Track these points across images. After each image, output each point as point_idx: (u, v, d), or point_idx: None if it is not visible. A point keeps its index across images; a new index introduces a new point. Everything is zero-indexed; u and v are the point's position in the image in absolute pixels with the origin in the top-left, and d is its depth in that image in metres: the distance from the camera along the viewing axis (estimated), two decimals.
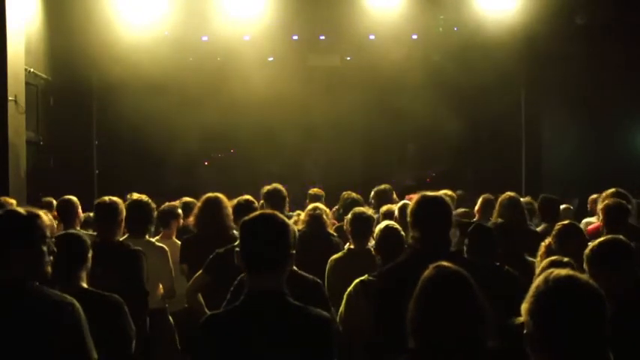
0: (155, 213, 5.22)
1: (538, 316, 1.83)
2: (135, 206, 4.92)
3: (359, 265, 4.61)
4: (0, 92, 7.67)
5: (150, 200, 5.04)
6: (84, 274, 3.38)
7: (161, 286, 5.05)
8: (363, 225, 4.96)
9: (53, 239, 2.79)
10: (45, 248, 2.66)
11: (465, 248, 4.27)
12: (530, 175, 11.48)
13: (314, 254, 4.68)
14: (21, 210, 2.72)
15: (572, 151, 11.24)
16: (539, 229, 6.12)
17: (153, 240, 5.29)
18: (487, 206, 7.03)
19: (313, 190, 7.84)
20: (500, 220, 5.53)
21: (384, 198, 7.10)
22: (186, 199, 6.86)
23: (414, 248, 3.43)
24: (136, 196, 5.09)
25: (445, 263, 2.45)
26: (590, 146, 10.96)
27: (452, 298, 2.34)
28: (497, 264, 4.31)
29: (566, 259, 3.15)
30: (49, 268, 2.68)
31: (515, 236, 4.81)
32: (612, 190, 5.84)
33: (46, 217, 2.79)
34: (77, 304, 2.61)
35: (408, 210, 3.53)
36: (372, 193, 7.40)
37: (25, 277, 2.59)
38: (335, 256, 4.90)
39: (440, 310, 2.32)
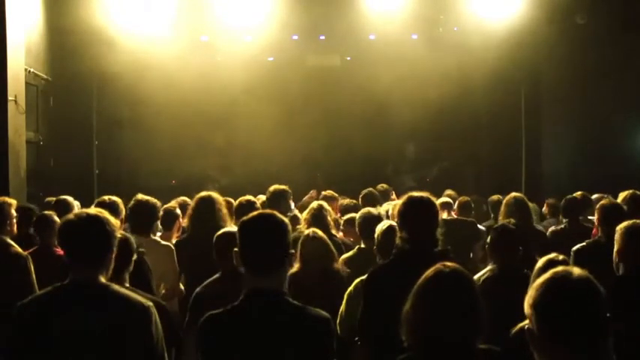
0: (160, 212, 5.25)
1: (539, 312, 1.85)
2: (139, 205, 4.94)
3: (369, 263, 4.62)
4: (0, 92, 7.67)
5: (151, 200, 5.05)
6: None
7: (162, 285, 5.05)
8: (373, 224, 4.96)
9: None
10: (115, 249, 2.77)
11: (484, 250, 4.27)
12: (531, 175, 11.48)
13: None
14: (97, 211, 2.81)
15: (572, 151, 11.24)
16: (559, 227, 6.18)
17: (158, 238, 5.29)
18: (464, 208, 7.12)
19: (328, 192, 7.79)
20: (512, 220, 5.53)
21: (370, 200, 7.08)
22: (183, 198, 6.85)
23: (401, 249, 3.43)
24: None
25: (448, 263, 2.47)
26: (591, 146, 10.95)
27: (451, 297, 2.36)
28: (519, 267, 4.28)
29: (561, 257, 3.14)
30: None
31: (526, 237, 4.79)
32: (629, 192, 5.79)
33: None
34: (154, 307, 2.70)
35: (395, 211, 3.55)
36: (361, 194, 7.39)
37: (98, 276, 2.66)
38: (345, 255, 4.91)
39: (442, 310, 2.35)
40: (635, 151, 11.08)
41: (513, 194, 6.15)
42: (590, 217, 6.40)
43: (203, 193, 5.34)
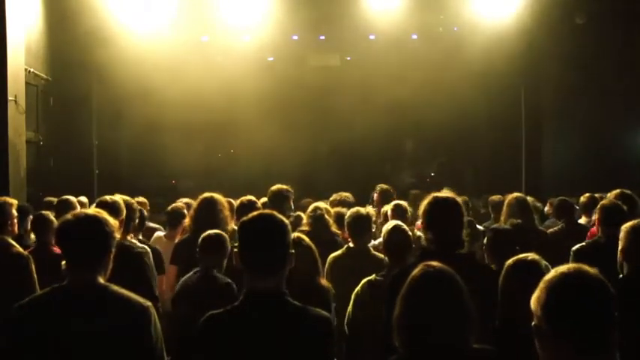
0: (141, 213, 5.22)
1: (548, 308, 1.86)
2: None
3: (358, 263, 4.62)
4: (0, 92, 7.68)
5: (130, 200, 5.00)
6: None
7: None
8: (363, 223, 4.98)
9: None
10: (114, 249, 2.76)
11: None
12: (531, 175, 11.48)
13: (320, 255, 4.67)
14: (95, 212, 2.79)
15: (572, 151, 11.24)
16: (556, 228, 6.20)
17: (134, 241, 5.24)
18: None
19: (343, 195, 7.66)
20: (515, 220, 5.55)
21: (387, 197, 7.11)
22: (186, 199, 6.86)
23: (427, 249, 3.42)
24: (108, 197, 5.04)
25: (434, 263, 2.45)
26: (591, 145, 10.95)
27: (436, 298, 2.35)
28: None
29: (530, 257, 3.08)
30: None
31: (528, 237, 4.79)
32: (617, 191, 5.78)
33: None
34: (153, 308, 2.70)
35: (421, 211, 3.52)
36: (377, 190, 7.38)
37: (96, 277, 2.66)
38: (334, 254, 4.90)
39: (424, 310, 2.34)
40: (635, 150, 11.08)
41: (515, 194, 6.15)
42: None
43: (206, 194, 5.30)
